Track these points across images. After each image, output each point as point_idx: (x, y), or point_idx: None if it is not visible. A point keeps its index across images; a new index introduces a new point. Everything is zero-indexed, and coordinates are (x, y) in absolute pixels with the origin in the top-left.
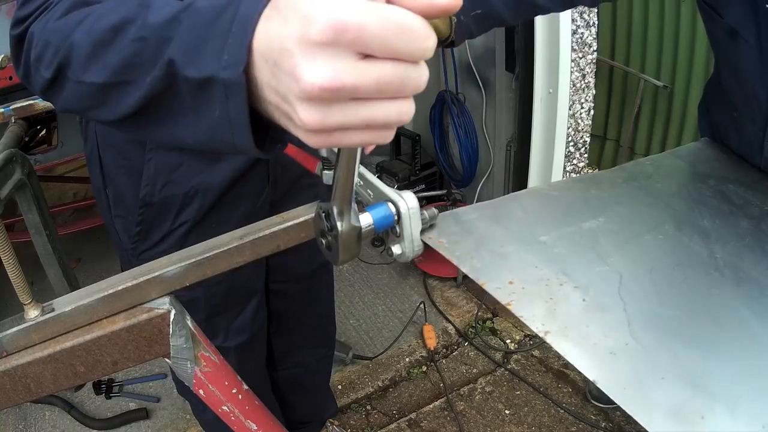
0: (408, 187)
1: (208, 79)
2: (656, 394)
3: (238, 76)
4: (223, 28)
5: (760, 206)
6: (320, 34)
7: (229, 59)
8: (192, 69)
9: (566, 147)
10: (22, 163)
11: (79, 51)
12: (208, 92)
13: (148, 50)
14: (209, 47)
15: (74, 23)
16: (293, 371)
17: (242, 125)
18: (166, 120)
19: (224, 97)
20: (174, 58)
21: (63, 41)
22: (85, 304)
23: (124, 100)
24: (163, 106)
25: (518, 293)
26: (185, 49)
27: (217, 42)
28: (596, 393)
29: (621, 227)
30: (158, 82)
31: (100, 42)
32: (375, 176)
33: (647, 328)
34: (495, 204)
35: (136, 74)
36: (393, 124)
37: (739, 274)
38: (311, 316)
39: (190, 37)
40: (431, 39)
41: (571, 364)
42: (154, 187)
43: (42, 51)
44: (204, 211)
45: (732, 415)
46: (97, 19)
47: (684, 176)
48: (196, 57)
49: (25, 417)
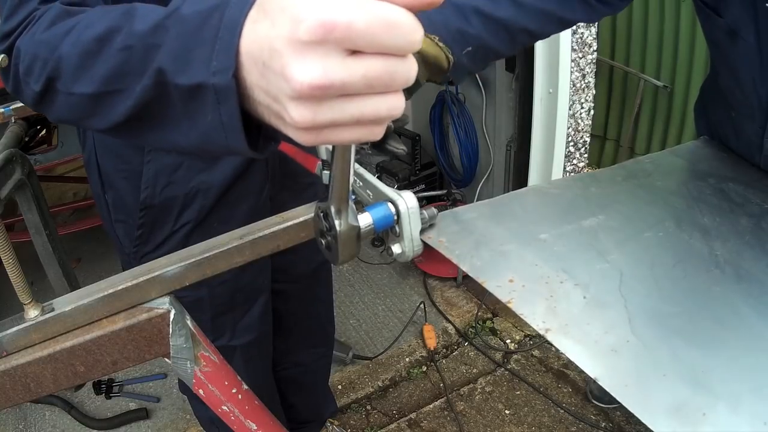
0: (408, 187)
1: (198, 85)
2: (658, 392)
3: (228, 81)
4: (210, 34)
5: (760, 204)
6: (309, 34)
7: (218, 65)
8: (182, 76)
9: (566, 147)
10: (22, 163)
11: (67, 63)
12: (199, 98)
13: (135, 59)
14: (198, 54)
15: (61, 35)
16: (292, 371)
17: (235, 128)
18: (159, 126)
19: (215, 102)
20: (163, 67)
21: (51, 54)
22: (85, 304)
23: (115, 109)
24: (154, 113)
25: (518, 291)
26: (174, 57)
27: (205, 48)
28: (596, 393)
29: (621, 225)
30: (148, 91)
31: (87, 53)
32: (375, 176)
33: (648, 326)
34: (495, 203)
35: (125, 83)
36: (383, 119)
37: (740, 271)
38: (311, 316)
39: (178, 45)
40: (418, 32)
41: (572, 363)
42: (155, 188)
43: (30, 64)
44: (206, 210)
45: (734, 412)
46: (83, 29)
47: (684, 174)
48: (185, 64)
49: (25, 417)
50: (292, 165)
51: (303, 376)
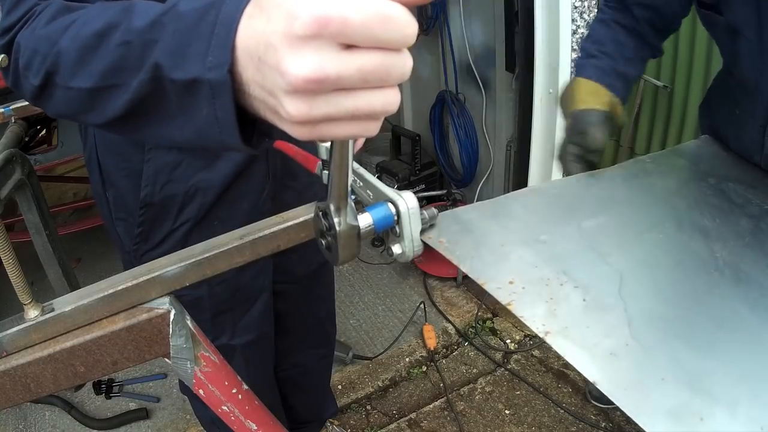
0: (408, 187)
1: (194, 80)
2: (656, 396)
3: (224, 76)
4: (206, 30)
5: (760, 205)
6: (304, 28)
7: (213, 60)
8: (178, 71)
9: None
10: (22, 163)
11: (66, 57)
12: (195, 93)
13: (133, 54)
14: (194, 49)
15: (60, 30)
16: (291, 372)
17: (229, 123)
18: (155, 121)
19: (211, 97)
20: (159, 62)
21: (50, 49)
22: (85, 304)
23: (112, 104)
24: (151, 108)
25: (518, 293)
26: (170, 53)
27: (202, 44)
28: (596, 393)
29: (621, 226)
30: (145, 85)
31: (86, 48)
32: (375, 176)
33: (648, 329)
34: (495, 203)
35: (122, 78)
36: (379, 113)
37: (740, 274)
38: (311, 317)
39: (175, 40)
40: (412, 26)
41: (572, 365)
42: (155, 186)
43: (30, 59)
44: (205, 209)
45: (731, 416)
46: (82, 25)
47: (684, 174)
48: (182, 59)
49: (25, 417)
50: (293, 164)
51: (302, 378)
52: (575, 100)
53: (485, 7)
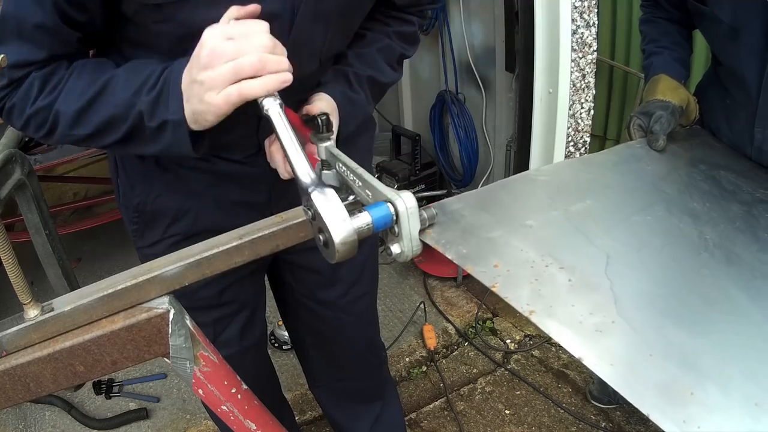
0: (408, 187)
1: (163, 122)
2: (644, 371)
3: (181, 116)
4: (166, 92)
5: (752, 192)
6: (202, 60)
7: (173, 108)
8: (152, 120)
9: (566, 147)
10: (22, 163)
11: (64, 120)
12: (163, 129)
13: (119, 112)
14: (161, 105)
15: (52, 101)
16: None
17: (185, 142)
18: (134, 145)
19: (173, 129)
20: (143, 111)
21: (46, 117)
22: (84, 304)
23: (106, 140)
24: (133, 140)
25: (503, 276)
26: (148, 111)
27: (164, 101)
28: (596, 394)
29: (609, 209)
30: (130, 129)
31: (82, 111)
32: (374, 176)
33: (635, 307)
34: (482, 192)
35: (114, 128)
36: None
37: (730, 256)
38: (354, 340)
39: (148, 103)
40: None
41: (572, 364)
42: (148, 196)
43: (27, 121)
44: (197, 229)
45: (724, 392)
46: (71, 100)
47: (675, 160)
48: (153, 113)
49: (25, 417)
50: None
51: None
52: (655, 92)
53: (485, 7)
